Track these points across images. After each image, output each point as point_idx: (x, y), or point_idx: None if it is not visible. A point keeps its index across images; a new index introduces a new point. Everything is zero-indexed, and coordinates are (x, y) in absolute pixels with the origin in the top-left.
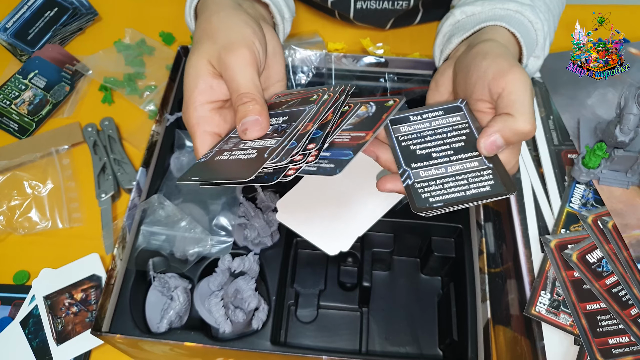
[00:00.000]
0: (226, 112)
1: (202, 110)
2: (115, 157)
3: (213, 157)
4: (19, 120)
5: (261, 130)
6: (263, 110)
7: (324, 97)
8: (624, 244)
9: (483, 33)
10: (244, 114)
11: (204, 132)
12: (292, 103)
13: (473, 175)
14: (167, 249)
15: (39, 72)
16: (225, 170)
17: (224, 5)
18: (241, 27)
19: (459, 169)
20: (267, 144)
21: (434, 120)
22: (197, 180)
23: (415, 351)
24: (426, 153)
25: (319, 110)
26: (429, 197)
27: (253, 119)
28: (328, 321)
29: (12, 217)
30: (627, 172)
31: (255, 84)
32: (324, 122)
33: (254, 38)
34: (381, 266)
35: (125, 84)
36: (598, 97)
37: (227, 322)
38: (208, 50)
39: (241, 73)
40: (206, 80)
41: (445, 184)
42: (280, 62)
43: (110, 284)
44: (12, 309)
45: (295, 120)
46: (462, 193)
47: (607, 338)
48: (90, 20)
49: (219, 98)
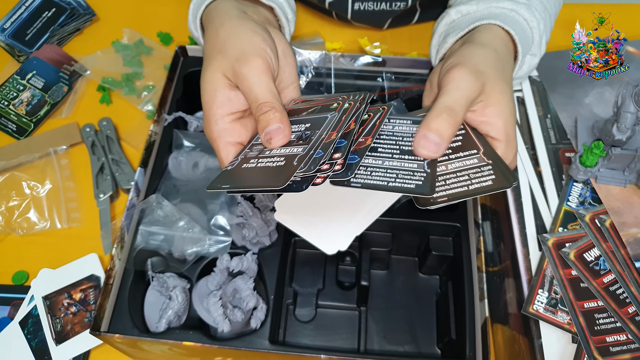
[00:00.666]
0: (246, 121)
1: (222, 123)
2: (114, 157)
3: (240, 165)
4: (17, 121)
5: (285, 138)
6: (284, 117)
7: (344, 105)
8: (621, 242)
9: (477, 32)
10: (266, 123)
11: (227, 143)
12: (312, 110)
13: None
14: (166, 248)
15: (37, 72)
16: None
17: (229, 16)
18: (250, 36)
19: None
20: (294, 152)
21: None
22: (227, 187)
23: (414, 350)
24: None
25: (342, 119)
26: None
27: (276, 127)
28: (326, 320)
29: (10, 218)
30: (624, 171)
31: (272, 92)
32: (346, 131)
33: (265, 45)
34: (379, 265)
35: (123, 84)
36: (595, 95)
37: (225, 321)
38: (221, 64)
39: (257, 83)
40: (223, 93)
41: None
42: (292, 63)
43: (109, 284)
44: (11, 309)
45: (319, 128)
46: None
47: (605, 336)
48: (88, 21)
49: (238, 109)
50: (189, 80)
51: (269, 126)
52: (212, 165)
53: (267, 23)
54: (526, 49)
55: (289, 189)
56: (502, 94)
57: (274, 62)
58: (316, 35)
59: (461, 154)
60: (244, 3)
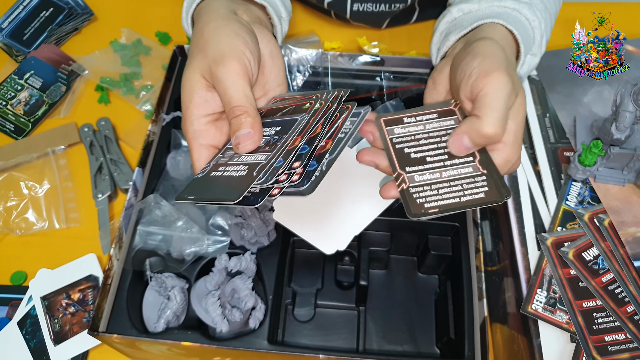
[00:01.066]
0: (222, 124)
1: (197, 124)
2: (112, 157)
3: (209, 172)
4: (15, 121)
5: (253, 144)
6: (255, 122)
7: (315, 105)
8: (620, 242)
9: (480, 30)
10: (237, 127)
11: (200, 145)
12: (286, 111)
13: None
14: (164, 248)
15: (34, 72)
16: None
17: (215, 15)
18: (231, 38)
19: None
20: (258, 160)
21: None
22: (192, 199)
23: (413, 349)
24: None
25: (309, 122)
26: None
27: (245, 132)
28: (325, 320)
29: (8, 218)
30: (623, 170)
31: (246, 96)
32: (312, 136)
33: (244, 48)
34: (378, 265)
35: (122, 84)
36: (594, 94)
37: (224, 321)
38: (200, 64)
39: (232, 86)
40: (201, 94)
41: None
42: (279, 65)
43: (107, 284)
44: (9, 310)
45: (286, 133)
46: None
47: (604, 335)
48: (86, 20)
49: (214, 110)
50: None
51: (239, 130)
52: None
53: (258, 22)
54: (528, 48)
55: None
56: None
57: (253, 66)
58: (312, 34)
59: (457, 161)
60: (235, 1)
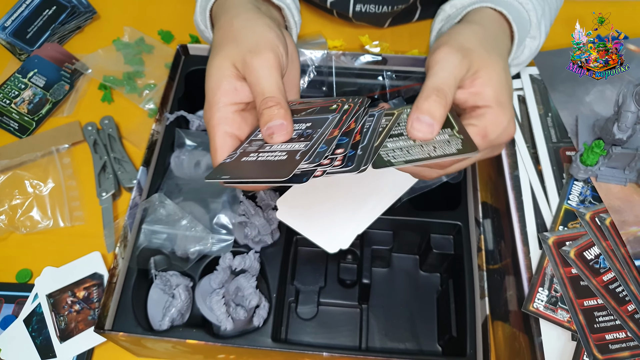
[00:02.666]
0: (247, 115)
1: (224, 111)
2: (116, 155)
3: (239, 158)
4: (19, 120)
5: (287, 135)
6: (287, 114)
7: (344, 106)
8: (621, 241)
9: (468, 16)
10: (270, 118)
11: (225, 132)
12: (311, 111)
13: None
14: (169, 247)
15: (38, 71)
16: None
17: (244, 9)
18: (265, 30)
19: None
20: (296, 147)
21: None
22: (227, 178)
23: (415, 347)
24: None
25: (342, 119)
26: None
27: (279, 123)
28: (328, 318)
29: (14, 216)
30: (624, 169)
31: (279, 88)
32: (347, 130)
33: (278, 42)
34: (381, 263)
35: (125, 82)
36: (596, 94)
37: (228, 319)
38: (232, 53)
39: (266, 77)
40: (230, 82)
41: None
42: (297, 67)
43: (113, 283)
44: (15, 307)
45: (320, 127)
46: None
47: (604, 334)
48: (89, 19)
49: (241, 100)
50: (190, 79)
51: (272, 121)
52: None
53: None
54: (523, 30)
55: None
56: (492, 65)
57: (285, 60)
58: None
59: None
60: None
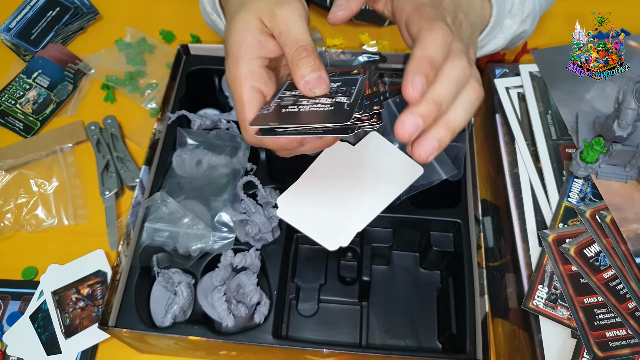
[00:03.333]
0: (271, 72)
1: (251, 65)
2: (118, 154)
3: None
4: (24, 120)
5: (327, 87)
6: (322, 66)
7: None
8: (621, 238)
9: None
10: (307, 70)
11: (252, 87)
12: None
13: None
14: (171, 245)
15: (42, 71)
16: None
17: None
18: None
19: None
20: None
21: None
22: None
23: (415, 344)
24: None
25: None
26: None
27: (317, 76)
28: (328, 315)
29: (19, 215)
30: (625, 167)
31: (310, 39)
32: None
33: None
34: (380, 261)
35: (127, 82)
36: (596, 91)
37: (229, 316)
38: (257, 6)
39: (298, 25)
40: (254, 35)
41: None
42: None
43: (116, 280)
44: (21, 304)
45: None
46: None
47: (605, 331)
48: (92, 19)
49: (267, 55)
50: (191, 79)
51: (311, 74)
52: (215, 163)
53: None
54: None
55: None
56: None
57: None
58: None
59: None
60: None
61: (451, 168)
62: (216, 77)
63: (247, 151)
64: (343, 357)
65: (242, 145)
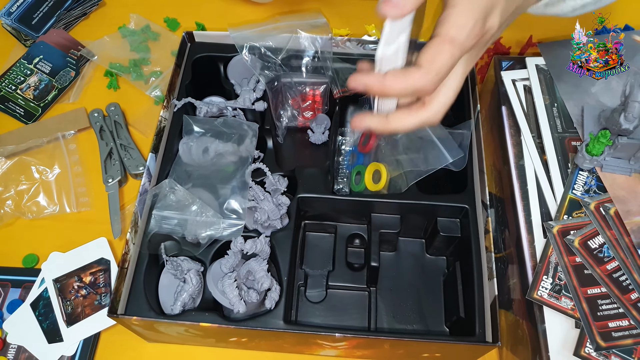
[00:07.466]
0: None
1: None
2: (122, 142)
3: None
4: (24, 105)
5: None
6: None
7: None
8: (625, 230)
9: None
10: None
11: None
12: None
13: None
14: (179, 232)
15: (43, 57)
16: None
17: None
18: None
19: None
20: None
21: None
22: None
23: (423, 328)
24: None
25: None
26: None
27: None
28: (337, 301)
29: (20, 202)
30: (630, 160)
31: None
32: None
33: None
34: (388, 247)
35: (131, 69)
36: (602, 85)
37: (241, 302)
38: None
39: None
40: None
41: None
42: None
43: (125, 268)
44: (22, 292)
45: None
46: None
47: (607, 322)
48: (95, 5)
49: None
50: (196, 66)
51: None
52: (222, 150)
53: None
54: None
55: None
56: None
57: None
58: (318, 14)
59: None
60: None
61: (457, 151)
62: (221, 64)
63: (255, 139)
64: (354, 341)
65: (250, 133)
